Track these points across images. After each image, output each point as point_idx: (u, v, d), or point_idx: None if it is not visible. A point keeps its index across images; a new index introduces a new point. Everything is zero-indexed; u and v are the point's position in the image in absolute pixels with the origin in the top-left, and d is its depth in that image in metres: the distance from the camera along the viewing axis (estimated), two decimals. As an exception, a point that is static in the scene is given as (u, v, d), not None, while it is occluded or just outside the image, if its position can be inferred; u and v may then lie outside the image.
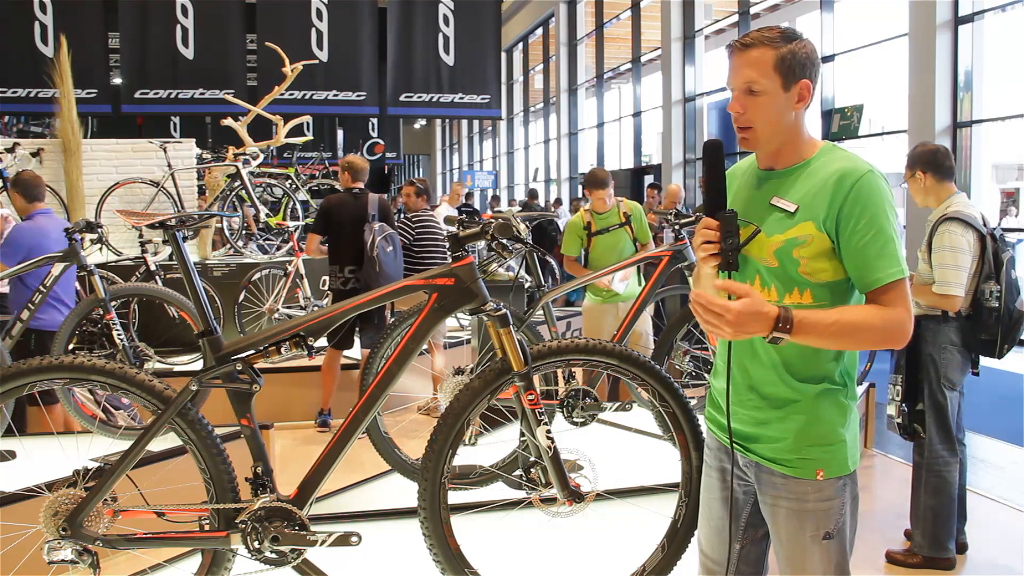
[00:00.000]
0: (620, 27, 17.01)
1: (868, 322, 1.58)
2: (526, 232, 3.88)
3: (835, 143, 1.74)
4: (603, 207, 4.86)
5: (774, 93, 1.62)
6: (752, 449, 1.74)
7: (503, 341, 2.27)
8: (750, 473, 1.76)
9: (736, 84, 1.65)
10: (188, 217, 2.58)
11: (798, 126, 1.67)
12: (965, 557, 3.40)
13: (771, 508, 1.73)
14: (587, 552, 2.88)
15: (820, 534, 1.67)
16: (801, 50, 1.61)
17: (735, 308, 1.50)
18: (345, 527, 2.31)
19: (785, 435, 1.68)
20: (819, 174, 1.63)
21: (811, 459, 1.67)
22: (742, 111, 1.64)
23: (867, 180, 1.58)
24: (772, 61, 1.61)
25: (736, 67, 1.64)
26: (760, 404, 1.71)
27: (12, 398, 2.26)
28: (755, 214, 1.69)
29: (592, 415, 3.68)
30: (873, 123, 11.39)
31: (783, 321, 1.52)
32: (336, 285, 5.19)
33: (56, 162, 7.00)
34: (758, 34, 1.63)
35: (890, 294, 1.59)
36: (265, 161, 8.16)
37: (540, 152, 21.74)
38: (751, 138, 1.66)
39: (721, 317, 1.50)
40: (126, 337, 4.10)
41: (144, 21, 10.47)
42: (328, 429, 5.18)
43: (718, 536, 1.84)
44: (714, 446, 1.86)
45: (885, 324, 1.58)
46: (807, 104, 1.66)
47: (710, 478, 1.87)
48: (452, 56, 11.22)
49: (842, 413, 1.68)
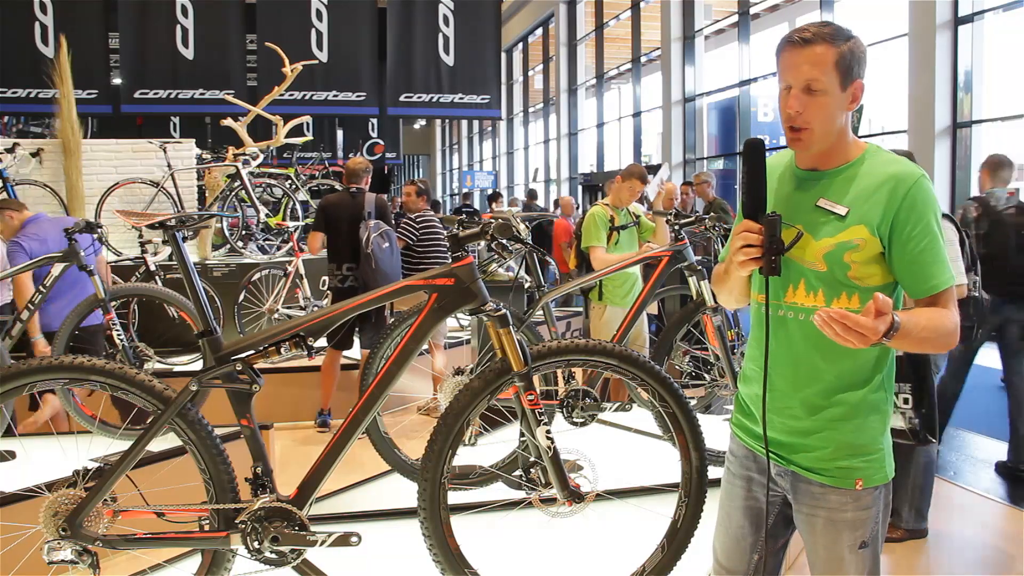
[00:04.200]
0: (620, 27, 17.01)
1: (945, 326, 1.56)
2: (526, 232, 3.88)
3: (879, 146, 1.68)
4: (627, 203, 4.81)
5: (833, 93, 1.56)
6: (790, 458, 1.70)
7: (503, 341, 2.27)
8: (784, 482, 1.72)
9: (795, 81, 1.57)
10: (188, 217, 2.58)
11: (847, 127, 1.62)
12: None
13: (808, 518, 1.69)
14: (587, 552, 2.87)
15: (857, 543, 1.65)
16: (858, 49, 1.57)
17: (869, 324, 1.41)
18: (345, 527, 2.31)
19: (826, 444, 1.64)
20: (870, 177, 1.59)
21: (852, 468, 1.64)
22: (800, 110, 1.57)
23: (921, 185, 1.55)
24: (833, 59, 1.54)
25: (794, 63, 1.57)
26: (800, 413, 1.66)
27: (12, 398, 2.26)
28: (799, 216, 1.63)
29: (592, 415, 3.67)
30: (873, 123, 11.39)
31: (891, 328, 1.46)
32: (335, 283, 5.22)
33: (56, 162, 7.00)
34: (817, 29, 1.56)
35: (945, 298, 1.58)
36: (265, 161, 8.17)
37: (540, 152, 21.74)
38: (805, 138, 1.59)
39: (863, 336, 1.42)
40: (126, 337, 4.10)
41: (144, 21, 10.46)
42: (328, 429, 5.18)
43: (736, 545, 1.80)
44: (740, 454, 1.81)
45: (954, 327, 1.58)
46: (859, 103, 1.61)
47: (733, 486, 1.82)
48: (452, 56, 11.22)
49: (882, 422, 1.66)
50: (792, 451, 1.68)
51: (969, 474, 4.59)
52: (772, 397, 1.68)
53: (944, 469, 4.37)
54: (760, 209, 1.57)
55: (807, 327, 1.60)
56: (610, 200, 4.89)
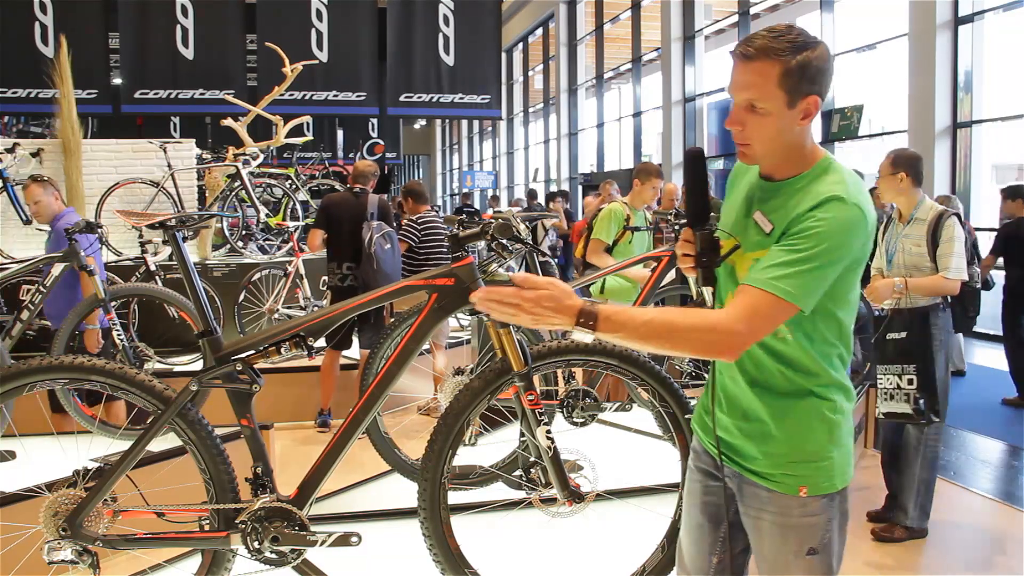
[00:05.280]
0: (620, 27, 17.01)
1: (685, 323, 1.46)
2: (526, 232, 3.88)
3: (833, 160, 1.59)
4: (649, 201, 4.80)
5: (777, 112, 1.48)
6: (736, 460, 1.66)
7: (503, 341, 2.27)
8: (732, 484, 1.69)
9: (737, 98, 1.51)
10: (188, 217, 2.58)
11: (801, 140, 1.54)
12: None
13: (754, 521, 1.66)
14: (587, 552, 2.87)
15: (804, 549, 1.60)
16: (813, 61, 1.46)
17: (529, 296, 1.43)
18: (345, 527, 2.31)
19: (770, 450, 1.60)
20: (803, 198, 1.50)
21: (796, 476, 1.58)
22: (741, 127, 1.52)
23: (832, 205, 1.44)
24: (777, 77, 1.45)
25: (738, 80, 1.50)
26: (743, 417, 1.64)
27: (12, 398, 2.27)
28: (743, 222, 1.60)
29: (592, 415, 3.67)
30: (873, 123, 11.39)
31: (585, 315, 1.43)
32: (334, 282, 5.23)
33: (56, 162, 6.99)
34: (764, 42, 1.46)
35: (745, 298, 1.46)
36: (265, 161, 8.17)
37: (540, 152, 21.74)
38: (749, 154, 1.56)
39: (517, 307, 1.43)
40: (126, 337, 4.10)
41: (144, 21, 10.45)
42: (328, 429, 5.18)
43: (696, 544, 1.77)
44: (699, 449, 1.79)
45: (708, 328, 1.46)
46: (813, 118, 1.53)
47: (693, 483, 1.78)
48: (452, 56, 11.21)
49: (829, 429, 1.59)
50: (739, 453, 1.65)
51: (969, 474, 4.59)
52: (723, 397, 1.68)
53: (944, 469, 4.36)
54: (699, 218, 1.56)
55: None
56: (629, 199, 4.91)
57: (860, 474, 4.49)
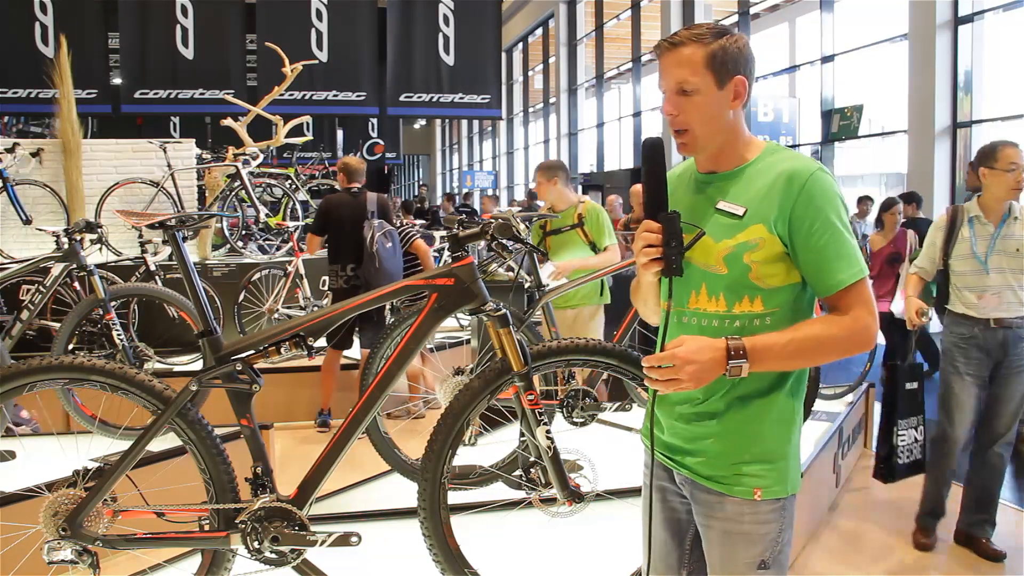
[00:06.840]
0: (620, 27, 17.02)
1: (828, 333, 1.50)
2: (526, 232, 3.87)
3: (778, 143, 1.66)
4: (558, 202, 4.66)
5: (707, 92, 1.53)
6: (688, 464, 1.63)
7: (503, 341, 2.27)
8: (685, 491, 1.67)
9: (667, 85, 1.56)
10: (188, 217, 2.58)
11: (737, 125, 1.58)
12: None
13: (705, 529, 1.63)
14: (587, 552, 2.88)
15: (755, 562, 1.57)
16: (733, 45, 1.54)
17: (681, 353, 1.44)
18: (345, 527, 2.31)
19: (724, 449, 1.58)
20: (766, 175, 1.54)
21: (750, 476, 1.56)
22: (676, 112, 1.56)
23: (817, 179, 1.50)
24: (702, 58, 1.52)
25: (666, 68, 1.56)
26: (695, 417, 1.61)
27: (12, 398, 2.27)
28: (700, 219, 1.59)
29: (592, 415, 3.67)
30: (873, 123, 11.40)
31: (733, 350, 1.45)
32: (339, 284, 5.20)
33: (56, 162, 6.99)
34: (687, 32, 1.55)
35: (852, 296, 1.50)
36: (265, 161, 8.16)
37: (540, 152, 21.74)
38: (689, 142, 1.57)
39: (675, 369, 1.43)
40: (126, 337, 4.10)
41: (144, 21, 10.46)
42: (328, 429, 5.18)
43: (662, 562, 1.74)
44: (650, 464, 1.74)
45: (849, 331, 1.50)
46: (744, 101, 1.58)
47: (651, 500, 1.74)
48: (452, 56, 11.22)
49: (786, 429, 1.58)
50: (690, 456, 1.63)
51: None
52: (668, 401, 1.65)
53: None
54: (660, 208, 1.54)
55: (708, 332, 1.55)
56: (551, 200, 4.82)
57: (860, 474, 4.49)
